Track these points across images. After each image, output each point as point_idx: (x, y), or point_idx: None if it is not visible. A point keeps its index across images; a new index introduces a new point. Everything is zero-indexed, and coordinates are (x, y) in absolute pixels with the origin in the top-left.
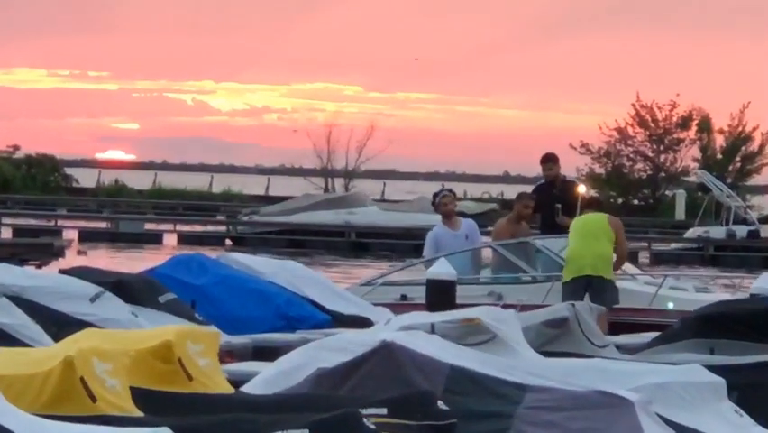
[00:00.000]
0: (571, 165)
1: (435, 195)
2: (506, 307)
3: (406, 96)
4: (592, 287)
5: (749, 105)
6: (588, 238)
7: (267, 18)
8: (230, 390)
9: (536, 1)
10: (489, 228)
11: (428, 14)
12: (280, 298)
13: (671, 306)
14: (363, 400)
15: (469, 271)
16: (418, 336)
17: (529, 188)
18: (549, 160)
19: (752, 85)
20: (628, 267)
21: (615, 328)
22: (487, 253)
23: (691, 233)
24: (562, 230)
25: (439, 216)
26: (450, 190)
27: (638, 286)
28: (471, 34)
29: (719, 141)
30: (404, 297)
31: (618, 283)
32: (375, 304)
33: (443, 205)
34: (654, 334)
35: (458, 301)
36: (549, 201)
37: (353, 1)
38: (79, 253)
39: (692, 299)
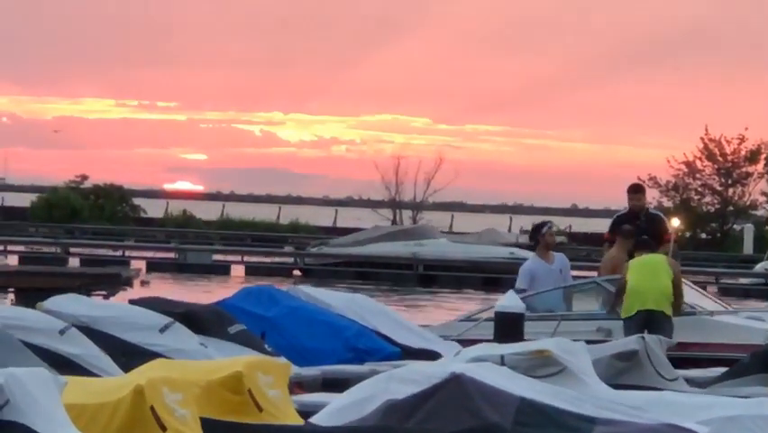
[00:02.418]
0: None
1: (539, 227)
2: None
3: (474, 129)
4: (653, 321)
5: None
6: (648, 274)
7: (335, 50)
8: (299, 421)
9: (603, 36)
10: None
11: (496, 48)
12: (350, 330)
13: None
14: None
15: (564, 307)
16: (488, 367)
17: (598, 222)
18: (638, 190)
19: None
20: (713, 302)
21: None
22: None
23: (760, 267)
24: None
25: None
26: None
27: (745, 321)
28: (539, 68)
29: None
30: None
31: (724, 318)
32: (479, 340)
33: (550, 236)
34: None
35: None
36: (635, 232)
37: (422, 33)
38: (142, 283)
39: None
